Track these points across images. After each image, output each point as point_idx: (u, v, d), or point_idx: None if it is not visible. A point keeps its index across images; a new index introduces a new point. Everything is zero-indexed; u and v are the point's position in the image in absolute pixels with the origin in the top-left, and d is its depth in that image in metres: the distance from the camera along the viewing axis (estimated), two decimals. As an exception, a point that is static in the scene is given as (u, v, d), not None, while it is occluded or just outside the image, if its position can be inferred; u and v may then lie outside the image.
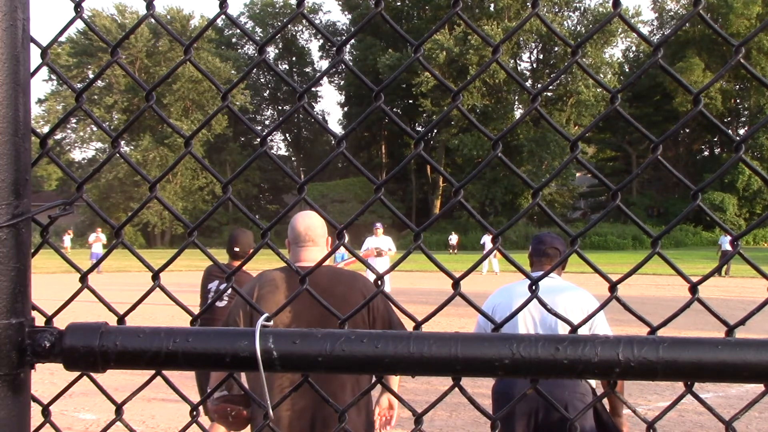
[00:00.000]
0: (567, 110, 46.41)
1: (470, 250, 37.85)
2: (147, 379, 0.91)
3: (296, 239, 2.58)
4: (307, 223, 2.57)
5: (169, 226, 50.47)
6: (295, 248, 2.59)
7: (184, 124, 47.31)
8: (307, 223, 2.57)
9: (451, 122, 46.12)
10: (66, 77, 0.95)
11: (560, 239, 3.16)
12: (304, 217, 2.60)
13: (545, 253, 3.08)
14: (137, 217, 43.92)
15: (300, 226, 2.57)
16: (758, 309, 0.78)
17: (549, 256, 3.07)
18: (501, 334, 0.77)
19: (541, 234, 3.23)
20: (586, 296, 2.93)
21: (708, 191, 41.55)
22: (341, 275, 2.55)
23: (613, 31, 45.09)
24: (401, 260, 0.88)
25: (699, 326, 8.67)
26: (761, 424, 5.52)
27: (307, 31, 60.71)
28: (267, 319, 0.80)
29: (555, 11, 48.44)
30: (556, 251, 3.07)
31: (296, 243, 2.59)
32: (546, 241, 3.11)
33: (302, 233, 2.56)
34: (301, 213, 2.66)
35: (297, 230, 2.57)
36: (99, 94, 50.82)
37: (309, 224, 2.57)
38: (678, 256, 29.74)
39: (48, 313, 0.86)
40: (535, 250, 3.13)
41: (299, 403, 2.34)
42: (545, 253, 3.08)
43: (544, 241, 3.12)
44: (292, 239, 2.60)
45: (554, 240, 3.12)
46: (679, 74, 1.84)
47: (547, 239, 3.13)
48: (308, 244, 2.56)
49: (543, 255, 3.08)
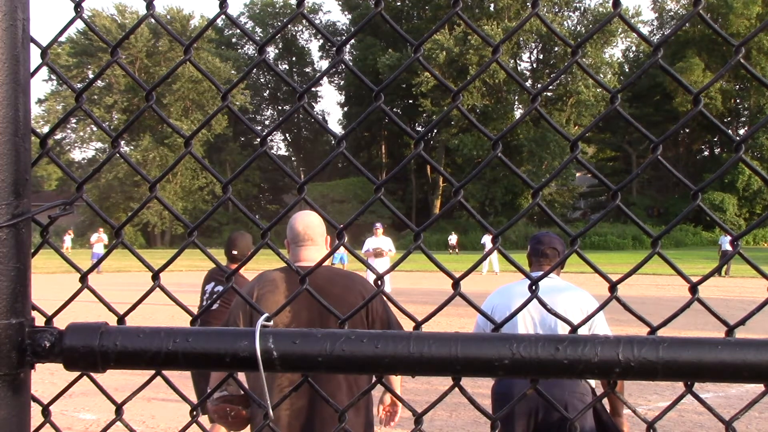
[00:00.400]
0: (567, 110, 46.40)
1: (470, 250, 37.85)
2: (147, 379, 0.91)
3: (295, 239, 2.58)
4: (306, 223, 2.57)
5: (169, 226, 50.47)
6: (294, 248, 2.59)
7: (184, 124, 47.31)
8: (306, 223, 2.57)
9: (451, 122, 46.12)
10: (66, 77, 0.95)
11: (559, 239, 3.14)
12: (303, 217, 2.60)
13: (544, 254, 3.06)
14: (137, 217, 43.94)
15: (299, 225, 2.57)
16: (758, 309, 0.78)
17: (548, 256, 3.06)
18: (501, 334, 0.77)
19: (539, 234, 3.20)
20: (585, 296, 2.92)
21: (708, 191, 41.55)
22: (339, 275, 2.55)
23: (613, 31, 45.09)
24: (401, 260, 0.88)
25: (699, 326, 8.67)
26: (761, 424, 5.52)
27: (307, 31, 60.72)
28: (267, 319, 0.80)
29: (555, 11, 48.44)
30: (554, 251, 3.06)
31: (295, 242, 2.59)
32: (544, 241, 3.09)
33: (301, 233, 2.56)
34: (300, 212, 2.66)
35: (296, 230, 2.57)
36: (99, 94, 50.81)
37: (308, 223, 2.57)
38: (678, 256, 29.74)
39: (48, 313, 0.86)
40: (533, 250, 3.11)
41: (297, 403, 2.34)
42: (544, 254, 3.06)
43: (543, 241, 3.10)
44: (291, 239, 2.60)
45: (553, 240, 3.11)
46: (679, 74, 1.84)
47: (545, 239, 3.11)
48: (307, 243, 2.56)
49: (542, 255, 3.06)
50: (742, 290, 16.52)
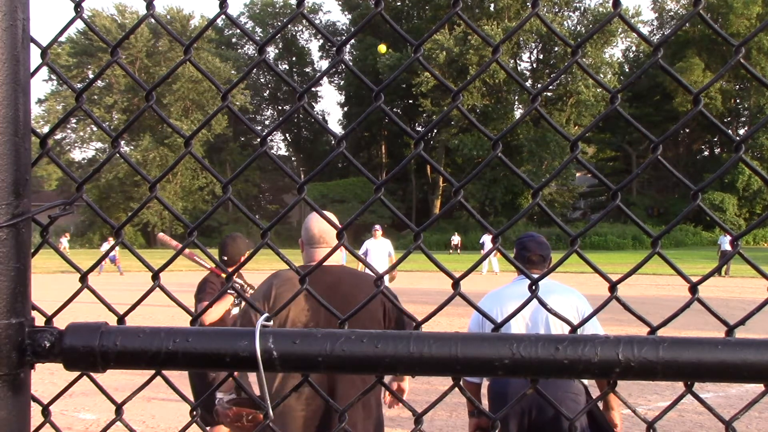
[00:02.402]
0: (567, 110, 46.41)
1: (471, 250, 37.85)
2: (147, 379, 0.90)
3: (310, 240, 2.58)
4: (320, 226, 2.57)
5: (169, 226, 50.46)
6: (309, 249, 2.59)
7: (184, 124, 47.31)
8: (321, 226, 2.57)
9: (451, 122, 46.13)
10: (66, 77, 0.95)
11: (545, 244, 3.07)
12: (318, 219, 2.59)
13: (530, 260, 3.01)
14: (137, 217, 43.93)
15: (314, 228, 2.57)
16: (758, 309, 0.78)
17: (534, 263, 3.00)
18: (501, 333, 0.77)
19: (524, 239, 3.11)
20: (577, 296, 2.92)
21: (708, 191, 41.56)
22: (349, 275, 2.54)
23: (613, 31, 45.08)
24: (401, 260, 0.88)
25: (699, 326, 8.65)
26: (761, 424, 5.52)
27: (307, 31, 60.73)
28: (267, 318, 0.80)
29: (555, 11, 48.44)
30: (540, 258, 3.00)
31: (310, 244, 2.59)
32: (530, 248, 3.02)
33: (316, 235, 2.57)
34: (315, 214, 2.65)
35: (311, 232, 2.58)
36: (99, 94, 50.84)
37: (323, 227, 2.57)
38: (678, 256, 29.74)
39: (48, 313, 0.86)
40: (519, 256, 3.05)
41: (313, 404, 2.33)
42: (530, 260, 3.01)
43: (529, 248, 3.03)
44: (306, 240, 2.60)
45: (539, 247, 3.03)
46: (679, 74, 1.84)
47: (531, 246, 3.03)
48: (322, 245, 2.57)
49: (527, 262, 3.01)
50: (742, 290, 16.51)
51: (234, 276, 0.92)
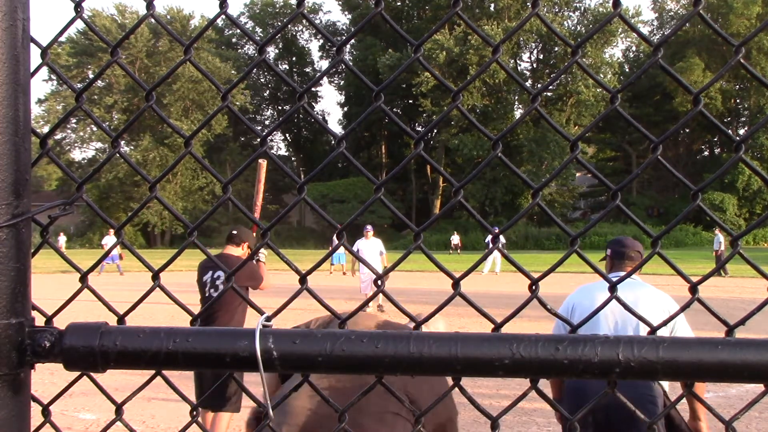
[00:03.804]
0: (567, 110, 46.41)
1: (471, 250, 37.82)
2: (147, 379, 0.91)
3: None
4: None
5: (169, 226, 50.48)
6: None
7: (184, 124, 47.31)
8: None
9: (451, 122, 46.11)
10: (66, 77, 0.95)
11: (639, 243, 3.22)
12: None
13: (628, 256, 3.13)
14: (137, 217, 43.92)
15: None
16: (758, 309, 0.78)
17: (632, 258, 3.12)
18: (500, 333, 0.77)
19: (621, 237, 3.29)
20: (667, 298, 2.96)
21: (708, 191, 41.56)
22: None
23: (613, 31, 45.09)
24: (401, 260, 0.88)
25: (699, 326, 8.65)
26: (761, 424, 5.52)
27: (307, 31, 60.70)
28: (267, 319, 0.80)
29: (555, 11, 48.44)
30: (638, 254, 3.13)
31: None
32: (628, 244, 3.17)
33: None
34: None
35: None
36: (99, 94, 50.81)
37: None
38: (678, 256, 29.73)
39: (48, 313, 0.86)
40: (616, 253, 3.17)
41: (323, 408, 2.26)
42: (628, 256, 3.13)
43: (626, 244, 3.18)
44: None
45: (635, 243, 3.19)
46: (679, 74, 1.84)
47: (628, 242, 3.20)
48: None
49: (627, 258, 3.13)
50: (742, 290, 16.51)
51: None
